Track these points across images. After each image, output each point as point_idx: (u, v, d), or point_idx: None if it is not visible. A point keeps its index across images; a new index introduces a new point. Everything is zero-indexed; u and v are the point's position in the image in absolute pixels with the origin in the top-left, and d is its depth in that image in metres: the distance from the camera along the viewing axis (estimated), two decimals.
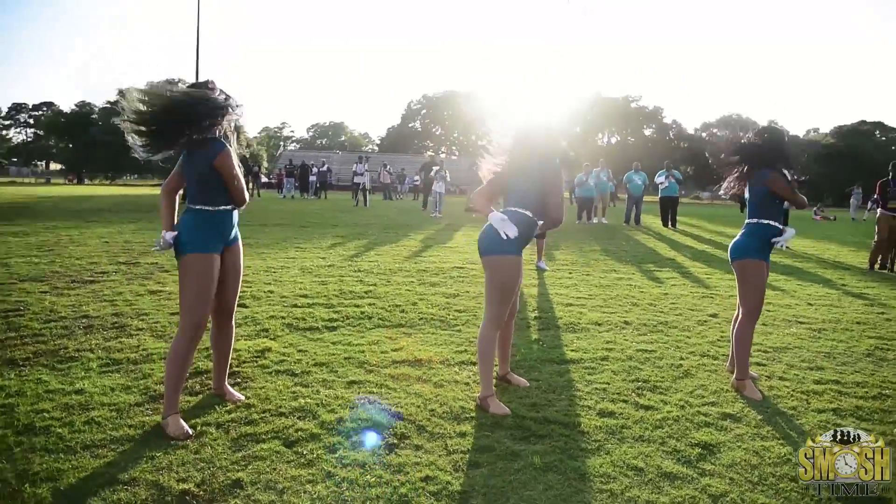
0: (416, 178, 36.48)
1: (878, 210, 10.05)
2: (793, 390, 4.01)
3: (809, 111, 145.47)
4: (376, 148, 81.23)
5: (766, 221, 4.00)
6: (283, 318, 5.28)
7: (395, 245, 10.79)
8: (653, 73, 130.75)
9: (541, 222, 3.61)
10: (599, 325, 5.57)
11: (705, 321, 5.86)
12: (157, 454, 2.79)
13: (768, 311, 6.22)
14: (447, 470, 2.77)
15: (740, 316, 4.04)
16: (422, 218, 17.94)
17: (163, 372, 3.41)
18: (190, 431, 2.99)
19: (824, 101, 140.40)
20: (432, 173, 19.88)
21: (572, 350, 4.74)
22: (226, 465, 2.72)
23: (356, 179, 23.67)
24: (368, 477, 2.67)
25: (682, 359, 4.60)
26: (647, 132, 74.51)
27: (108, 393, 3.48)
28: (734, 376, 4.00)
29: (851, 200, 30.53)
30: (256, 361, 4.13)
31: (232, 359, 4.07)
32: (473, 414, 3.42)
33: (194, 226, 3.12)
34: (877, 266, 9.86)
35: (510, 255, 3.46)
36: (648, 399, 3.75)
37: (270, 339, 4.67)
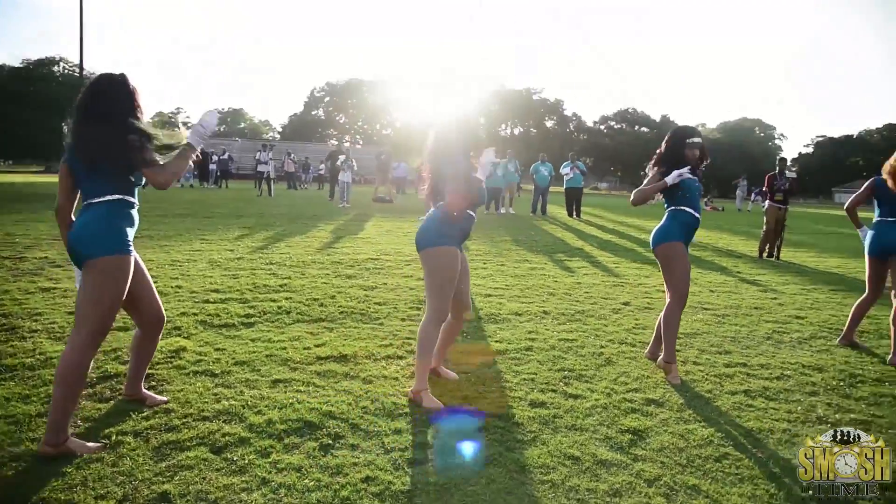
0: (321, 167, 35.77)
1: (766, 202, 10.80)
2: (706, 374, 4.21)
3: (698, 106, 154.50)
4: (278, 136, 78.81)
5: (678, 207, 4.17)
6: (195, 314, 4.99)
7: (305, 236, 10.50)
8: (554, 67, 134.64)
9: (471, 213, 3.59)
10: (520, 315, 5.64)
11: (619, 309, 6.07)
12: (69, 470, 2.54)
13: None
14: (387, 469, 2.70)
15: (668, 300, 4.18)
16: (329, 208, 17.60)
17: None
18: (96, 445, 2.74)
19: (711, 97, 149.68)
20: (339, 163, 19.50)
21: (496, 341, 4.77)
22: (149, 476, 2.52)
23: (260, 168, 22.85)
24: (306, 481, 2.55)
25: (602, 347, 4.73)
26: (549, 124, 76.76)
27: (3, 404, 3.14)
28: (662, 358, 4.16)
29: (738, 192, 32.64)
30: (171, 362, 3.87)
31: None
32: (407, 409, 3.36)
33: (111, 220, 2.78)
34: (765, 254, 10.60)
35: (447, 247, 3.44)
36: (576, 388, 3.83)
37: (184, 337, 4.39)
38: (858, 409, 3.71)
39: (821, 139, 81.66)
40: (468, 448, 2.93)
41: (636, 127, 77.68)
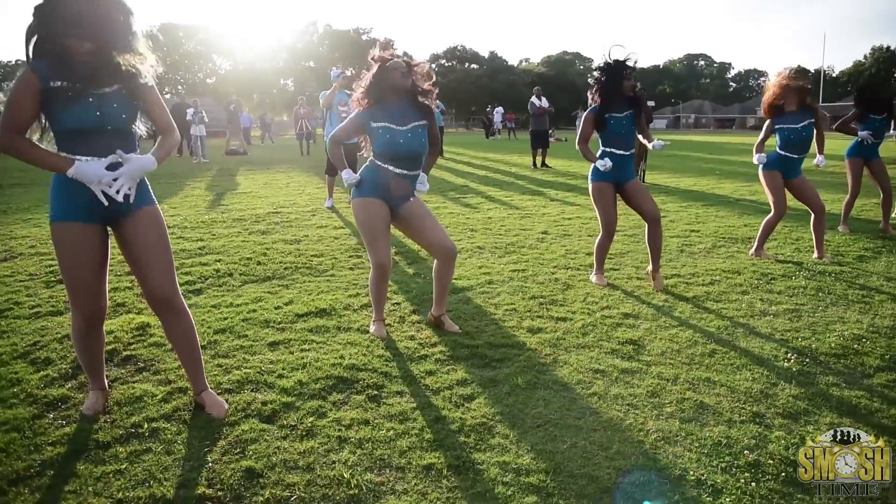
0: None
1: None
2: (654, 286, 4.64)
3: (522, 42, 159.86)
4: None
5: (608, 149, 4.54)
6: (128, 287, 4.56)
7: (181, 197, 9.74)
8: (380, 5, 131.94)
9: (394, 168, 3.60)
10: (459, 252, 5.75)
11: (543, 238, 6.40)
12: (122, 467, 2.31)
13: (593, 222, 6.99)
14: (448, 407, 2.75)
15: (649, 226, 4.62)
16: (185, 164, 16.34)
17: None
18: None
19: (534, 33, 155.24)
20: (188, 117, 18.03)
21: (455, 278, 4.86)
22: (216, 458, 2.36)
23: None
24: (383, 431, 2.54)
25: (553, 273, 5.01)
26: None
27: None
28: (651, 269, 4.68)
29: (577, 122, 34.86)
30: (143, 341, 3.55)
31: (113, 343, 3.48)
32: (423, 352, 3.39)
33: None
34: None
35: (357, 198, 3.57)
36: (557, 312, 4.06)
37: (135, 312, 4.02)
38: (783, 300, 4.31)
39: None
40: None
41: (466, 64, 78.95)
